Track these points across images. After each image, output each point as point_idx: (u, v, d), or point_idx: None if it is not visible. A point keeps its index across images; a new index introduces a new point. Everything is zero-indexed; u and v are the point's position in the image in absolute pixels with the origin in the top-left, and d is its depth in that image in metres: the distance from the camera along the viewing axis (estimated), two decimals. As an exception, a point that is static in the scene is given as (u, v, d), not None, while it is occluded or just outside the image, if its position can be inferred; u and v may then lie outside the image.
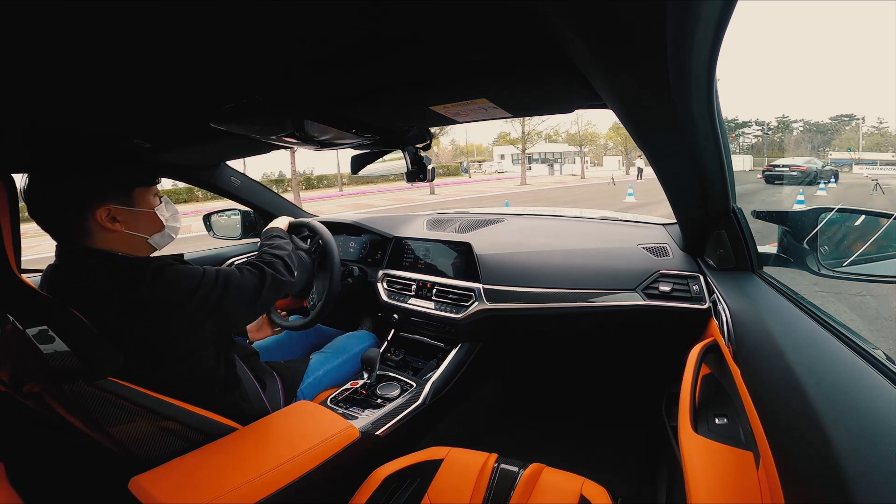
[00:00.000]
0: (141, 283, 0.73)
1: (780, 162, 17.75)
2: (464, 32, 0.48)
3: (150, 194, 0.83)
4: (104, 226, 0.75)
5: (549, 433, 1.51)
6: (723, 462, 0.62)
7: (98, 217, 0.74)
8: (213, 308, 0.78)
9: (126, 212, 0.78)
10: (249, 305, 0.86)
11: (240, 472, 0.69)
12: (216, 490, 0.65)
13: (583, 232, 1.45)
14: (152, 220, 0.83)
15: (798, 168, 16.40)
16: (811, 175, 15.80)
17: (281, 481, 0.71)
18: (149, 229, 0.82)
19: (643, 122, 0.60)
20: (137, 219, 0.80)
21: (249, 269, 0.89)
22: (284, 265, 0.95)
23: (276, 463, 0.72)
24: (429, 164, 1.05)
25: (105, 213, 0.75)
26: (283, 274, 0.93)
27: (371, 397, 1.14)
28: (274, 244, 1.03)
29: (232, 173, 1.52)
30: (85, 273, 0.74)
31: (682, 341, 1.06)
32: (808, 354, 0.58)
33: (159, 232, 0.84)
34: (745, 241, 0.94)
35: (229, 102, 0.67)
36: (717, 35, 0.38)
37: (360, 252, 1.64)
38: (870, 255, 0.82)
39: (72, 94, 0.60)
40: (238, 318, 0.89)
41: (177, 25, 0.41)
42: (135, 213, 0.79)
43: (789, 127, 49.80)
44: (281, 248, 1.02)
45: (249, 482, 0.68)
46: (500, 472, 0.79)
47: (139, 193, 0.80)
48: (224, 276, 0.82)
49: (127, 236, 0.79)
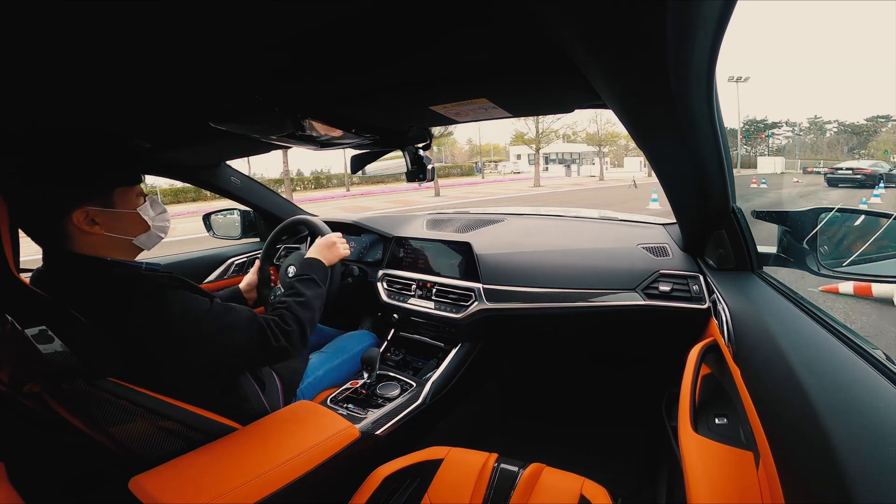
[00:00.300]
0: (133, 301, 0.71)
1: (844, 165, 16.43)
2: (464, 33, 0.48)
3: (132, 194, 0.79)
4: (82, 228, 0.72)
5: (549, 433, 1.51)
6: (723, 462, 0.62)
7: (75, 220, 0.71)
8: (204, 345, 0.75)
9: (105, 213, 0.74)
10: (238, 360, 0.81)
11: (240, 472, 0.69)
12: (216, 490, 0.65)
13: (583, 232, 1.45)
14: (135, 220, 0.79)
15: (862, 171, 14.98)
16: (876, 179, 14.31)
17: (281, 481, 0.71)
18: (132, 230, 0.79)
19: (643, 122, 0.60)
20: (118, 220, 0.76)
21: (259, 327, 0.80)
22: (301, 335, 0.85)
23: (276, 463, 0.72)
24: (429, 163, 1.05)
25: (83, 215, 0.72)
26: (295, 345, 0.84)
27: (371, 397, 1.14)
28: (303, 298, 0.90)
29: (232, 173, 1.53)
30: (71, 279, 0.72)
31: (682, 341, 1.06)
32: (808, 354, 0.58)
33: (145, 233, 0.81)
34: (745, 241, 0.94)
35: (229, 102, 0.67)
36: (717, 35, 0.38)
37: (361, 252, 1.64)
38: (870, 255, 0.82)
39: (72, 94, 0.60)
40: (222, 365, 0.81)
41: (177, 25, 0.41)
42: (115, 215, 0.76)
43: (822, 128, 49.15)
44: (309, 306, 0.89)
45: (249, 482, 0.68)
46: (500, 472, 0.79)
47: (120, 194, 0.76)
48: (227, 327, 0.77)
49: (108, 238, 0.76)
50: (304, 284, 0.94)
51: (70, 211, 0.71)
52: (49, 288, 0.72)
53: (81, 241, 0.74)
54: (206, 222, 1.78)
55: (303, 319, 0.86)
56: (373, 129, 0.90)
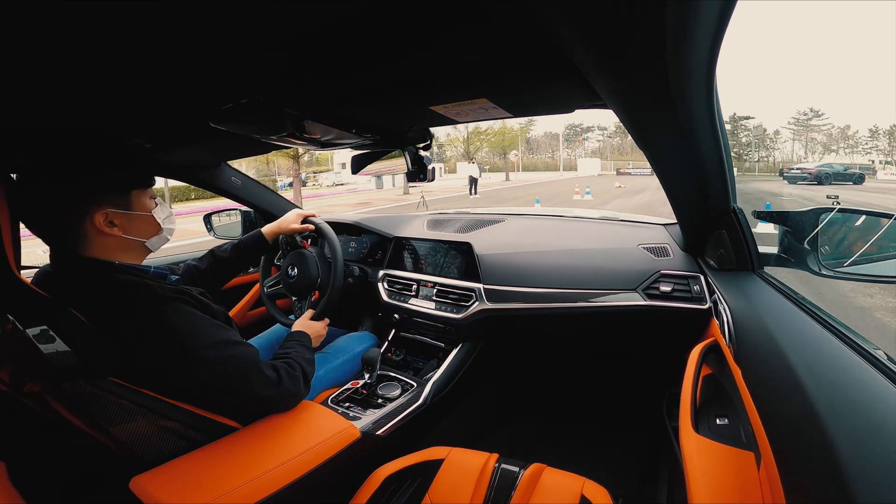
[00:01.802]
0: (133, 310, 0.70)
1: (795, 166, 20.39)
2: (464, 33, 0.48)
3: (146, 196, 0.80)
4: (101, 230, 0.73)
5: (550, 433, 1.51)
6: (724, 462, 0.62)
7: (96, 222, 0.72)
8: (196, 370, 0.73)
9: (123, 216, 0.75)
10: (230, 397, 0.78)
11: (240, 472, 0.69)
12: (217, 490, 0.65)
13: (583, 232, 1.45)
14: (149, 223, 0.80)
15: (808, 171, 18.95)
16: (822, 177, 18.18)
17: (281, 481, 0.71)
18: (146, 233, 0.80)
19: (643, 122, 0.60)
20: (135, 222, 0.77)
21: (267, 365, 0.81)
22: (305, 379, 0.87)
23: (276, 463, 0.72)
24: (429, 164, 1.05)
25: (103, 217, 0.72)
26: (301, 390, 0.85)
27: (372, 397, 1.14)
28: (304, 350, 0.95)
29: (232, 173, 1.53)
30: (76, 281, 0.72)
31: (683, 341, 1.06)
32: (808, 354, 0.58)
33: (156, 235, 0.81)
34: (746, 241, 0.94)
35: (229, 102, 0.67)
36: (717, 35, 0.38)
37: (361, 252, 1.64)
38: (870, 255, 0.82)
39: (72, 94, 0.60)
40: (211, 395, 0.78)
41: (177, 25, 0.42)
42: (132, 217, 0.77)
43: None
44: (308, 359, 0.93)
45: (250, 482, 0.68)
46: (500, 473, 0.79)
47: (136, 196, 0.77)
48: (230, 357, 0.75)
49: (124, 241, 0.76)
50: (301, 343, 0.98)
51: (91, 213, 0.71)
52: (52, 289, 0.72)
53: (98, 244, 0.74)
54: (207, 222, 1.78)
55: (306, 368, 0.89)
56: (373, 130, 0.90)
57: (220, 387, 0.75)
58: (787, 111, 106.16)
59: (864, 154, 53.51)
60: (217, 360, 0.74)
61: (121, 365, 0.69)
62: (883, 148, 52.86)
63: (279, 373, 0.82)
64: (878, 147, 53.37)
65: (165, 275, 0.85)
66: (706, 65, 0.43)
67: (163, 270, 0.85)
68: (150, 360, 0.71)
